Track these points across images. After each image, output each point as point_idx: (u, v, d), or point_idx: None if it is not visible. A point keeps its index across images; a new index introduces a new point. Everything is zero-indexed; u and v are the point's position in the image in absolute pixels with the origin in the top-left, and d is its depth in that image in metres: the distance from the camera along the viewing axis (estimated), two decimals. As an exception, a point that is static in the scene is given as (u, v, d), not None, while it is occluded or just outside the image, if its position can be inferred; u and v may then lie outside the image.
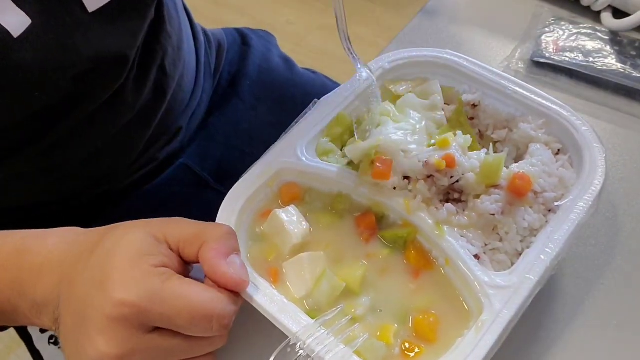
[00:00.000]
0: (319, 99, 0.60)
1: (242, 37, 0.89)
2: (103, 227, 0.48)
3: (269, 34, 0.95)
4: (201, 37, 0.81)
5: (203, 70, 0.79)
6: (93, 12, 0.54)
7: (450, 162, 0.52)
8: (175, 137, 0.75)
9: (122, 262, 0.43)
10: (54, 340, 0.73)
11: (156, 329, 0.43)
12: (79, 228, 0.50)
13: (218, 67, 0.83)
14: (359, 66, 0.57)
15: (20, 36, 0.49)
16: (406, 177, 0.54)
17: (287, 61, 0.90)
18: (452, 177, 0.53)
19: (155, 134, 0.71)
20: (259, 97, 0.83)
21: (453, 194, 0.54)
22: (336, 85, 0.92)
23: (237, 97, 0.83)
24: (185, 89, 0.74)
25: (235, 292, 0.46)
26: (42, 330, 0.73)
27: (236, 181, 0.55)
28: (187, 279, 0.44)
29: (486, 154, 0.54)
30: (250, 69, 0.85)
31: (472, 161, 0.53)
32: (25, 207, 0.68)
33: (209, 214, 0.53)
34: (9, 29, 0.49)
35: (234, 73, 0.85)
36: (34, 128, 0.58)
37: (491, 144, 0.53)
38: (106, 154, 0.67)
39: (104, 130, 0.64)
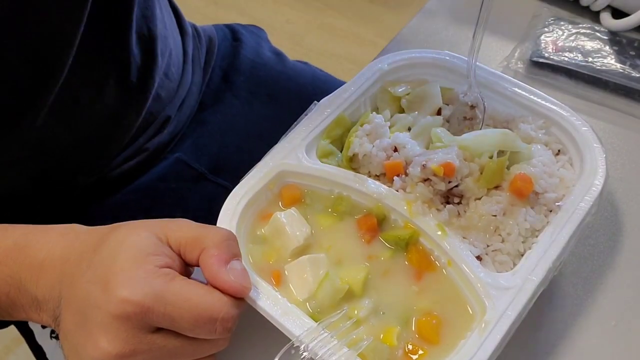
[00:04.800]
0: (312, 90, 0.60)
1: (233, 33, 0.90)
2: (105, 227, 0.48)
3: (259, 28, 0.95)
4: (189, 31, 0.81)
5: (191, 63, 0.80)
6: None
7: (449, 171, 0.52)
8: (164, 127, 0.75)
9: (127, 261, 0.43)
10: (56, 335, 0.72)
11: (159, 330, 0.43)
12: (81, 225, 0.50)
13: (209, 62, 0.84)
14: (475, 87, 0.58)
15: None
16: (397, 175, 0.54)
17: (278, 54, 0.91)
18: (450, 182, 0.53)
19: (144, 122, 0.71)
20: (252, 91, 0.84)
21: (453, 198, 0.54)
22: (326, 75, 0.92)
23: (230, 93, 0.83)
24: (171, 78, 0.74)
25: None
26: (44, 325, 0.73)
27: (233, 174, 0.55)
28: (191, 280, 0.45)
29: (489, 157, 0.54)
30: (243, 64, 0.86)
31: (472, 166, 0.53)
32: (14, 195, 0.67)
33: (206, 206, 0.52)
34: None
35: (225, 68, 0.85)
36: (11, 105, 0.57)
37: (495, 152, 0.53)
38: (94, 140, 0.67)
39: (90, 110, 0.64)
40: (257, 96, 0.84)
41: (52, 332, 0.73)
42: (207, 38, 0.85)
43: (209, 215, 0.51)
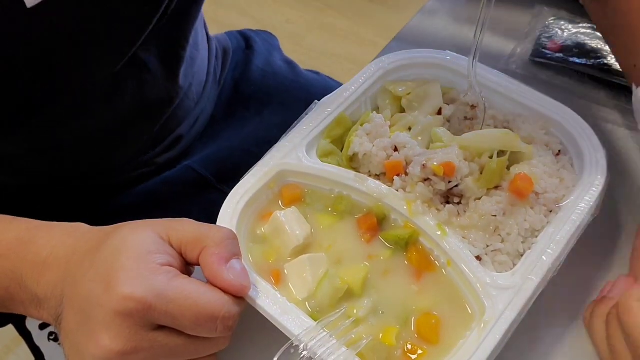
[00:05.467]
0: (320, 100, 0.60)
1: (246, 40, 0.90)
2: (109, 226, 0.48)
3: (271, 35, 0.95)
4: (214, 50, 0.82)
5: (211, 81, 0.80)
6: None
7: (449, 171, 0.52)
8: (175, 145, 0.75)
9: (129, 260, 0.43)
10: (54, 337, 0.73)
11: (160, 328, 0.43)
12: (85, 224, 0.50)
13: (222, 74, 0.84)
14: (475, 87, 0.59)
15: (33, 7, 0.48)
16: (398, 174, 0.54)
17: (290, 64, 0.91)
18: (450, 182, 0.53)
19: (156, 137, 0.71)
20: (263, 101, 0.84)
21: (453, 198, 0.54)
22: (338, 85, 0.92)
23: (242, 106, 0.83)
24: (191, 97, 0.75)
25: None
26: (42, 327, 0.73)
27: (239, 181, 0.55)
28: (192, 279, 0.45)
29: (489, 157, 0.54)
30: (254, 74, 0.86)
31: (472, 166, 0.53)
32: (11, 194, 0.67)
33: (210, 214, 0.53)
34: None
35: (237, 78, 0.85)
36: (27, 102, 0.57)
37: (495, 152, 0.53)
38: (102, 146, 0.67)
39: (98, 118, 0.63)
40: (268, 105, 0.84)
41: (50, 334, 0.73)
42: (221, 49, 0.85)
43: (209, 222, 0.51)
